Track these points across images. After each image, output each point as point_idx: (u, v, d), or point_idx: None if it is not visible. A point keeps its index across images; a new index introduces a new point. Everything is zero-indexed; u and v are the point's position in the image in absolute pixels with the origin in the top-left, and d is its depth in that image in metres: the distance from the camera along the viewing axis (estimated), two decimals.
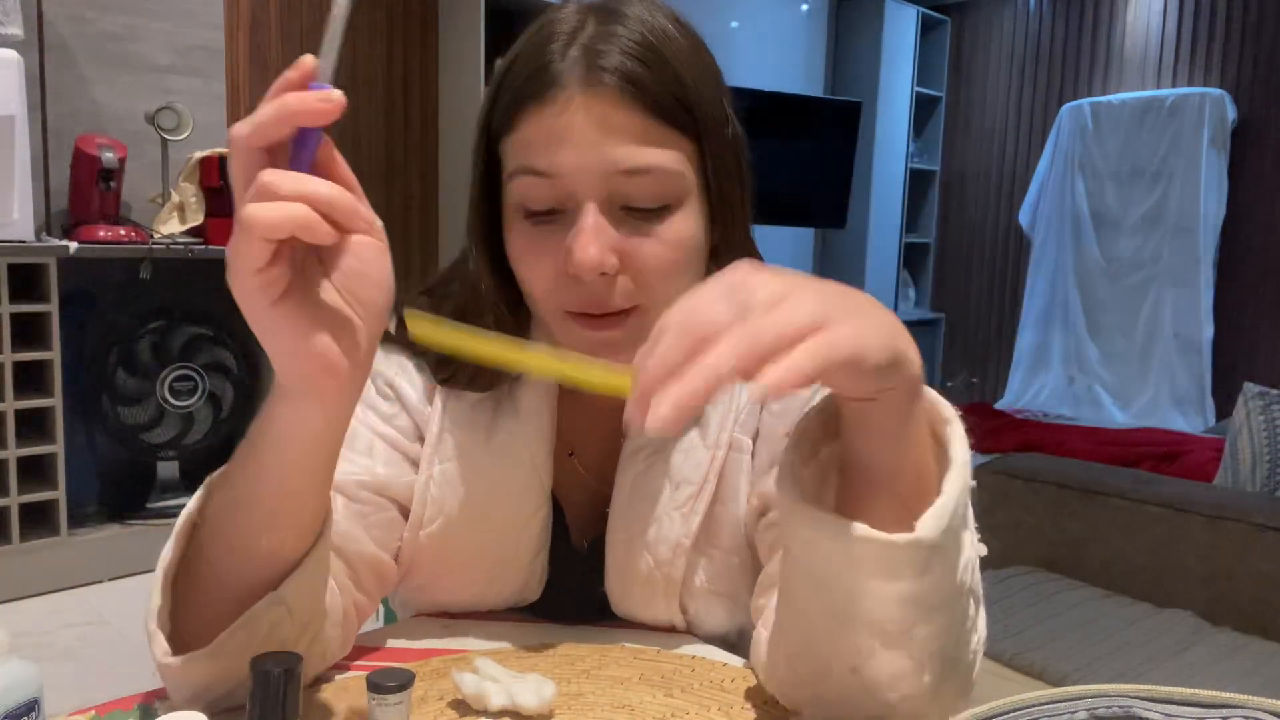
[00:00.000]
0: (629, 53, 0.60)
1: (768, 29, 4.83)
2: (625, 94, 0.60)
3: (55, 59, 2.70)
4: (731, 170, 0.66)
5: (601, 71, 0.60)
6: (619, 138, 0.60)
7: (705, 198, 0.65)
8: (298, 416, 0.52)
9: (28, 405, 2.40)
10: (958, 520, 0.49)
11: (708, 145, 0.64)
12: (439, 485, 0.71)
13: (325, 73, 0.48)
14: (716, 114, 0.65)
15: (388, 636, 0.73)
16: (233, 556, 0.55)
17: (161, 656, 0.54)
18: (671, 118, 0.61)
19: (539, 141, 0.61)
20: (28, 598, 2.45)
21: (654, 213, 0.62)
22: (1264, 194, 4.46)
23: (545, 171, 0.61)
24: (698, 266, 0.66)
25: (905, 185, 5.27)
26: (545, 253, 0.63)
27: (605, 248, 0.60)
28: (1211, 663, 1.50)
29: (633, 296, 0.63)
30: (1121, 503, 1.83)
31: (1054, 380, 5.07)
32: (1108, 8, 4.90)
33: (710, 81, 0.65)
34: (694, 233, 0.64)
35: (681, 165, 0.62)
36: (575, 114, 0.60)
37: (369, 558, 0.68)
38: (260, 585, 0.54)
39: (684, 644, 0.72)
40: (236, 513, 0.54)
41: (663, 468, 0.70)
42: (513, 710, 0.58)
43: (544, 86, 0.61)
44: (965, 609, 0.53)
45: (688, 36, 0.65)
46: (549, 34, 0.63)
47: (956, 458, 0.50)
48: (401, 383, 0.73)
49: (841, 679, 0.53)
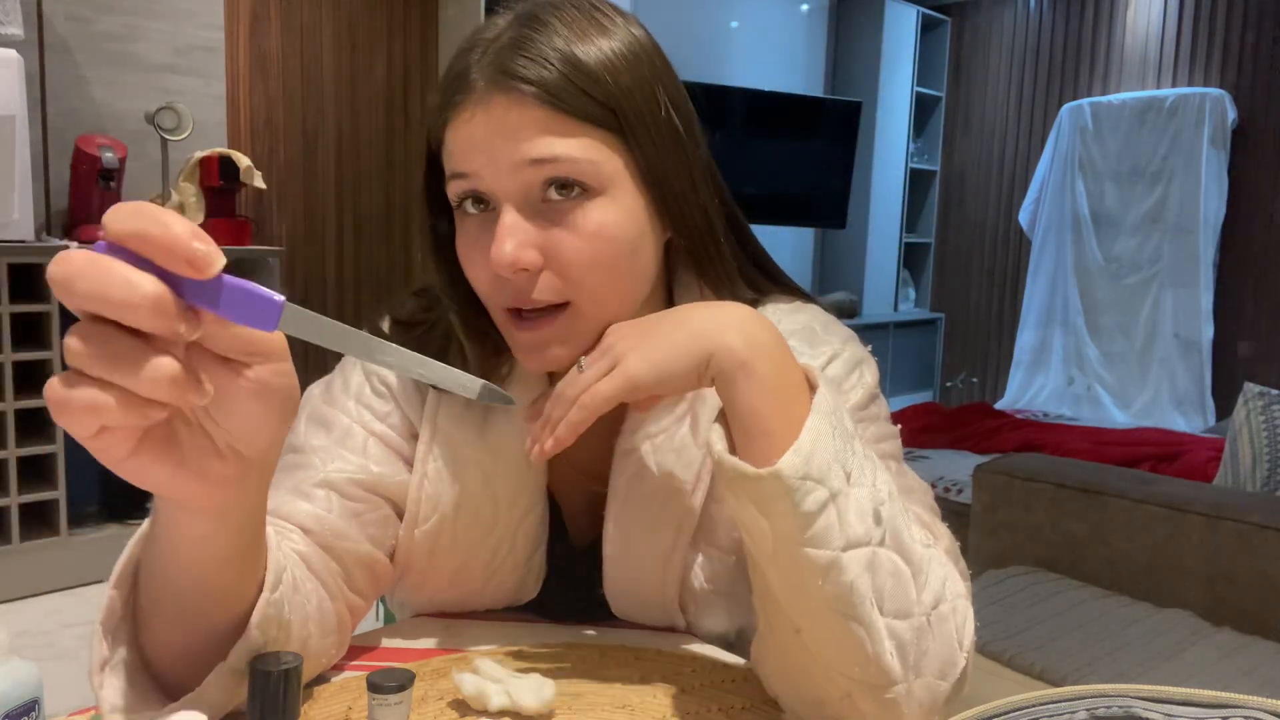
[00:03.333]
0: (537, 56, 0.61)
1: (768, 29, 4.83)
2: (528, 93, 0.60)
3: (55, 59, 2.70)
4: (668, 161, 0.65)
5: (506, 75, 0.61)
6: (523, 133, 0.61)
7: (642, 188, 0.65)
8: (183, 523, 0.47)
9: (28, 405, 2.40)
10: (823, 462, 0.53)
11: (633, 137, 0.63)
12: (433, 482, 0.71)
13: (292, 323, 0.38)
14: (645, 109, 0.64)
15: (387, 636, 0.73)
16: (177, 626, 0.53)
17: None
18: (583, 113, 0.61)
19: (458, 145, 0.63)
20: (28, 598, 2.45)
21: (573, 202, 0.62)
22: (1264, 194, 4.45)
23: (465, 173, 0.63)
24: (630, 259, 0.65)
25: (905, 185, 5.27)
26: (480, 253, 0.63)
27: (522, 244, 0.61)
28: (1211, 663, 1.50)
29: (560, 292, 0.63)
30: (1121, 503, 1.83)
31: (1054, 380, 5.06)
32: (1108, 8, 4.90)
33: (640, 79, 0.64)
34: (620, 223, 0.63)
35: (596, 154, 0.62)
36: (483, 115, 0.61)
37: (363, 556, 0.68)
38: (218, 638, 0.53)
39: (684, 644, 0.72)
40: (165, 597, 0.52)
41: (655, 466, 0.70)
42: (513, 710, 0.58)
43: (458, 95, 0.63)
44: (891, 559, 0.55)
45: (619, 35, 0.64)
46: (471, 44, 0.64)
47: (816, 407, 0.55)
48: (396, 380, 0.73)
49: (796, 648, 0.57)
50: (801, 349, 0.71)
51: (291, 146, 3.41)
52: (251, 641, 0.53)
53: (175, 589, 0.51)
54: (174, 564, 0.50)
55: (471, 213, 0.64)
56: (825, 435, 0.54)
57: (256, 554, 0.54)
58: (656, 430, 0.71)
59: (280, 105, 3.35)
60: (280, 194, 3.38)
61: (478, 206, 0.64)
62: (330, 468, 0.68)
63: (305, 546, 0.64)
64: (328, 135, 3.49)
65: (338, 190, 3.54)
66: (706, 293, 0.72)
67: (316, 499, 0.66)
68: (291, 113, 3.39)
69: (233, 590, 0.52)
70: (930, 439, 3.57)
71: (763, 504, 0.53)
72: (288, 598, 0.57)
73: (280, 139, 3.37)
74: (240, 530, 0.50)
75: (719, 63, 4.52)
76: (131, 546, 0.54)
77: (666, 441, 0.70)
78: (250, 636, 0.53)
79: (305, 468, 0.68)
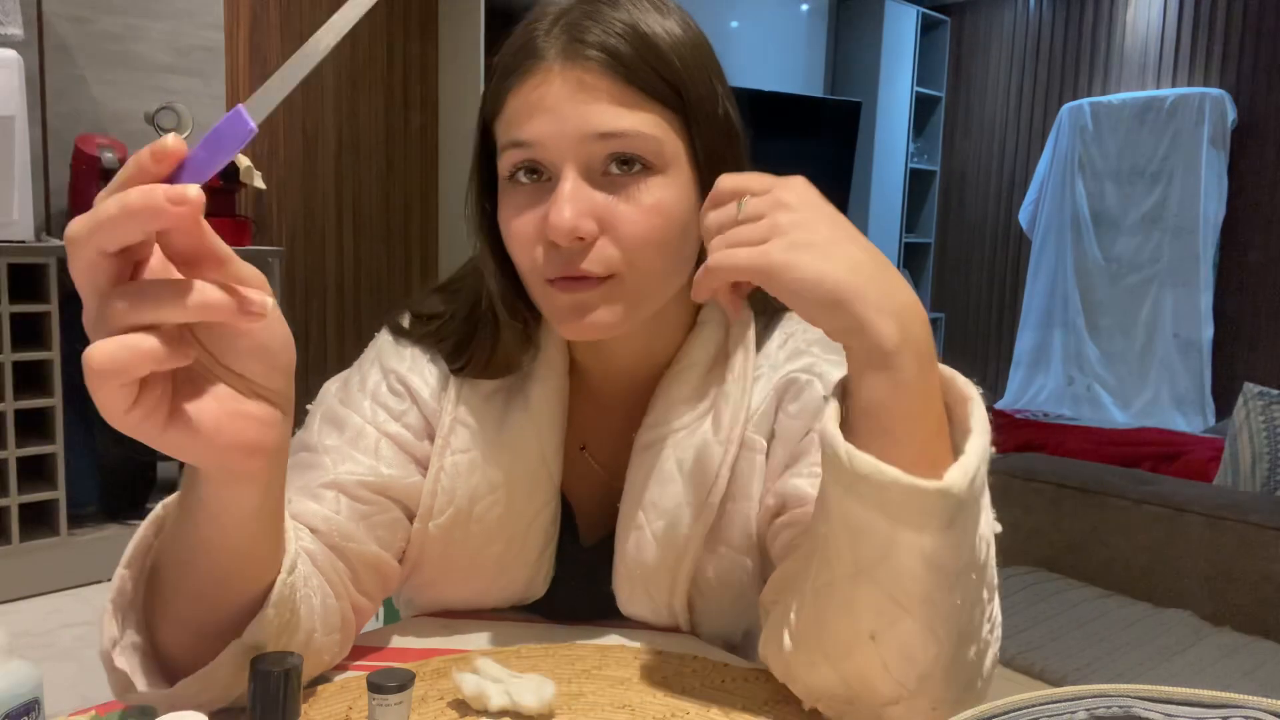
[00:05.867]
0: (610, 29, 0.62)
1: (768, 29, 4.83)
2: (603, 64, 0.61)
3: (55, 59, 2.70)
4: (724, 154, 0.66)
5: (580, 44, 0.61)
6: (595, 102, 0.61)
7: (695, 175, 0.65)
8: (229, 497, 0.49)
9: (28, 405, 2.40)
10: (979, 485, 0.51)
11: (694, 122, 0.64)
12: (450, 476, 0.71)
13: (262, 108, 0.41)
14: (705, 95, 0.65)
15: (389, 636, 0.73)
16: (195, 604, 0.54)
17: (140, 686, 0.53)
18: (651, 88, 0.62)
19: (521, 113, 0.62)
20: (28, 598, 2.45)
21: (633, 177, 0.62)
22: (1264, 194, 4.45)
23: (527, 141, 0.62)
24: (680, 241, 0.65)
25: (905, 185, 5.27)
26: (530, 223, 0.63)
27: (581, 212, 0.61)
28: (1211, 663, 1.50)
29: (612, 264, 0.63)
30: (1121, 503, 1.83)
31: (1054, 380, 5.06)
32: (1108, 8, 4.90)
33: (701, 66, 0.65)
34: (676, 203, 0.64)
35: (661, 131, 0.63)
36: (553, 83, 0.61)
37: (370, 558, 0.68)
38: (233, 616, 0.54)
39: (684, 644, 0.72)
40: (186, 575, 0.53)
41: (675, 461, 0.70)
42: (513, 710, 0.58)
43: (526, 61, 0.63)
44: (980, 588, 0.54)
45: (683, 26, 0.65)
46: (537, 17, 0.65)
47: (976, 425, 0.52)
48: (413, 378, 0.73)
49: (863, 650, 0.54)
50: (827, 355, 0.72)
51: (291, 146, 3.41)
52: (266, 620, 0.54)
53: (206, 570, 0.52)
54: (211, 544, 0.51)
55: (524, 183, 0.64)
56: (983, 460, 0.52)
57: (282, 532, 0.56)
58: (679, 426, 0.70)
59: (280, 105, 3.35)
60: (280, 194, 3.38)
61: (530, 177, 0.64)
62: (340, 469, 0.68)
63: (313, 545, 0.65)
64: (328, 135, 3.49)
65: (338, 190, 3.54)
66: None
67: (325, 500, 0.66)
68: (291, 113, 3.39)
69: (262, 563, 0.54)
70: None
71: (904, 516, 0.50)
72: (299, 586, 0.58)
73: (280, 139, 3.37)
74: (277, 504, 0.53)
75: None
76: (145, 527, 0.55)
77: (688, 438, 0.70)
78: (266, 615, 0.54)
79: (316, 468, 0.68)
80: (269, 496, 0.51)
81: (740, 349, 0.71)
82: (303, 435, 0.71)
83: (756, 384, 0.71)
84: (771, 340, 0.74)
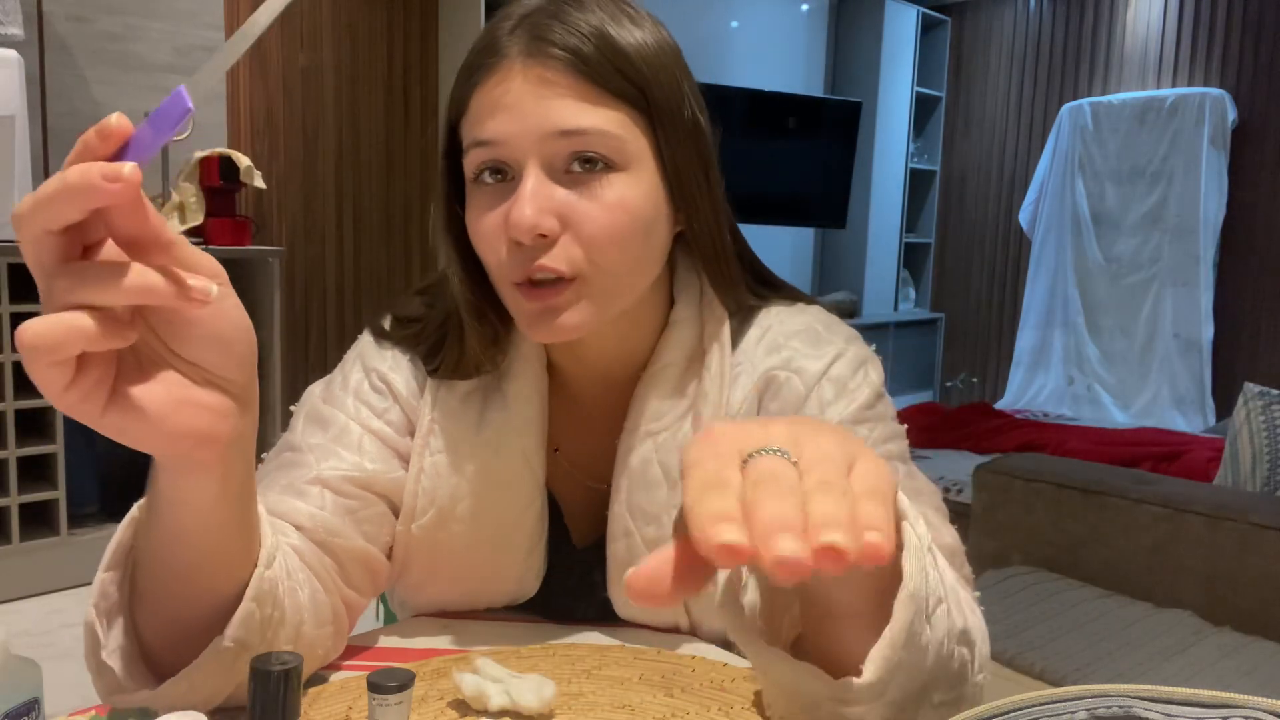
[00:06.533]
0: (574, 29, 0.62)
1: (768, 29, 4.82)
2: (565, 62, 0.61)
3: (55, 59, 2.70)
4: (689, 153, 0.66)
5: (543, 42, 0.61)
6: (557, 99, 0.61)
7: (661, 175, 0.66)
8: (186, 486, 0.49)
9: (28, 405, 2.40)
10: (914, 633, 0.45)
11: (660, 123, 0.64)
12: (430, 477, 0.71)
13: (202, 88, 0.41)
14: (671, 96, 0.65)
15: (387, 636, 0.73)
16: (172, 600, 0.54)
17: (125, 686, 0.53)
18: (614, 87, 0.62)
19: (484, 112, 0.63)
20: (28, 598, 2.45)
21: (595, 175, 0.62)
22: (1264, 194, 4.45)
23: (489, 140, 0.62)
24: (644, 239, 0.65)
25: (905, 185, 5.27)
26: (494, 222, 0.63)
27: (543, 209, 0.61)
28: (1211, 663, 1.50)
29: (575, 262, 0.63)
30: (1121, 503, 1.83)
31: (1054, 380, 5.06)
32: (1108, 8, 4.90)
33: (667, 68, 0.65)
34: (639, 201, 0.64)
35: (624, 130, 0.63)
36: (514, 80, 0.62)
37: (357, 553, 0.68)
38: (212, 612, 0.54)
39: (684, 644, 0.72)
40: (160, 569, 0.53)
41: (659, 465, 0.70)
42: (513, 710, 0.58)
43: (489, 60, 0.63)
44: (951, 672, 0.50)
45: (650, 30, 0.65)
46: (502, 18, 0.65)
47: (907, 566, 0.44)
48: (394, 376, 0.73)
49: None
50: (805, 349, 0.71)
51: (291, 146, 3.41)
52: (247, 614, 0.53)
53: (177, 564, 0.52)
54: (176, 537, 0.51)
55: (489, 183, 0.64)
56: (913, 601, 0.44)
57: (252, 526, 0.55)
58: (659, 428, 0.70)
59: (280, 105, 3.35)
60: (280, 194, 3.38)
61: (495, 177, 0.64)
62: (324, 465, 0.68)
63: (299, 542, 0.65)
64: (328, 135, 3.49)
65: (338, 190, 3.54)
66: (707, 290, 0.72)
67: (310, 496, 0.66)
68: (291, 113, 3.39)
69: (233, 560, 0.54)
70: (930, 439, 3.57)
71: (838, 707, 0.46)
72: (281, 580, 0.57)
73: (280, 139, 3.37)
74: (240, 496, 0.52)
75: (719, 63, 4.52)
76: (122, 530, 0.55)
77: (669, 439, 0.70)
78: (245, 609, 0.53)
79: (300, 466, 0.68)
80: (228, 487, 0.50)
81: (715, 347, 0.71)
82: (287, 436, 0.71)
83: (736, 382, 0.71)
84: (748, 336, 0.74)
